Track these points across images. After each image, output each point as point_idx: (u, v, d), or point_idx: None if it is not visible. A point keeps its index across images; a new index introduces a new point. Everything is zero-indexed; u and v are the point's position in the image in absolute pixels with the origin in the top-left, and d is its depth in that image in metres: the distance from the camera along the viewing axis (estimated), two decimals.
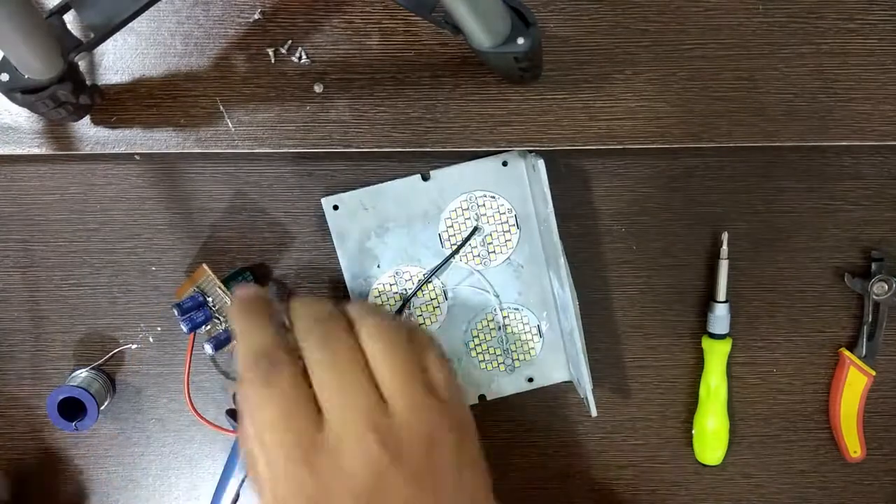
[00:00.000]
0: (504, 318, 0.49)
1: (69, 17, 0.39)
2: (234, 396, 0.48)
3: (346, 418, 0.30)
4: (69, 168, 0.48)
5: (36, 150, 0.45)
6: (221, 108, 0.45)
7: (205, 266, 0.47)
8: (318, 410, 0.31)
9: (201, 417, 0.48)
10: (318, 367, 0.31)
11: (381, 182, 0.48)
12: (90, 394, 0.48)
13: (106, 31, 0.38)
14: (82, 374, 0.50)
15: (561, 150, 0.46)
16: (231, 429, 0.49)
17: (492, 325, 0.50)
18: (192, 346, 0.48)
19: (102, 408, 0.49)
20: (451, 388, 0.33)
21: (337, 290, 0.49)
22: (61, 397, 0.48)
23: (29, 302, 0.50)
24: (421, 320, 0.49)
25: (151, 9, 0.38)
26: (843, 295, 0.50)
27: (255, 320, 0.33)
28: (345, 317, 0.33)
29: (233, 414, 0.49)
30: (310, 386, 0.31)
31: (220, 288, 0.47)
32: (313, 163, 0.48)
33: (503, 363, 0.50)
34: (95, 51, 0.44)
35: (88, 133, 0.45)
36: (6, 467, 0.52)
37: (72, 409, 0.48)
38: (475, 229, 0.48)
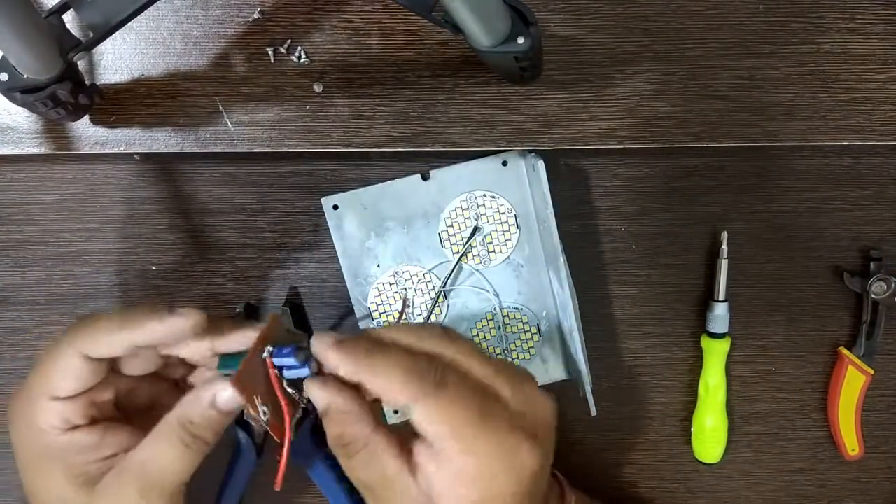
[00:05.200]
0: (504, 317, 0.49)
1: (68, 17, 0.38)
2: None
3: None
4: (68, 168, 0.48)
5: (35, 150, 0.45)
6: (221, 107, 0.45)
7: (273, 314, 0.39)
8: None
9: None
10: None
11: (381, 182, 0.48)
12: None
13: (105, 31, 0.38)
14: None
15: (561, 149, 0.46)
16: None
17: (492, 324, 0.50)
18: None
19: None
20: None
21: (337, 290, 0.50)
22: None
23: (29, 302, 0.50)
24: (421, 320, 0.49)
25: (150, 8, 0.38)
26: (842, 294, 0.50)
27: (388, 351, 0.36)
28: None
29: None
30: None
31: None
32: (313, 162, 0.48)
33: None
34: (94, 50, 0.44)
35: (88, 133, 0.45)
36: None
37: None
38: (475, 229, 0.48)
